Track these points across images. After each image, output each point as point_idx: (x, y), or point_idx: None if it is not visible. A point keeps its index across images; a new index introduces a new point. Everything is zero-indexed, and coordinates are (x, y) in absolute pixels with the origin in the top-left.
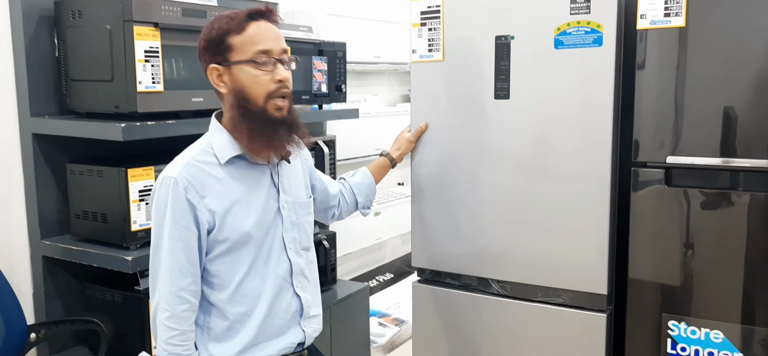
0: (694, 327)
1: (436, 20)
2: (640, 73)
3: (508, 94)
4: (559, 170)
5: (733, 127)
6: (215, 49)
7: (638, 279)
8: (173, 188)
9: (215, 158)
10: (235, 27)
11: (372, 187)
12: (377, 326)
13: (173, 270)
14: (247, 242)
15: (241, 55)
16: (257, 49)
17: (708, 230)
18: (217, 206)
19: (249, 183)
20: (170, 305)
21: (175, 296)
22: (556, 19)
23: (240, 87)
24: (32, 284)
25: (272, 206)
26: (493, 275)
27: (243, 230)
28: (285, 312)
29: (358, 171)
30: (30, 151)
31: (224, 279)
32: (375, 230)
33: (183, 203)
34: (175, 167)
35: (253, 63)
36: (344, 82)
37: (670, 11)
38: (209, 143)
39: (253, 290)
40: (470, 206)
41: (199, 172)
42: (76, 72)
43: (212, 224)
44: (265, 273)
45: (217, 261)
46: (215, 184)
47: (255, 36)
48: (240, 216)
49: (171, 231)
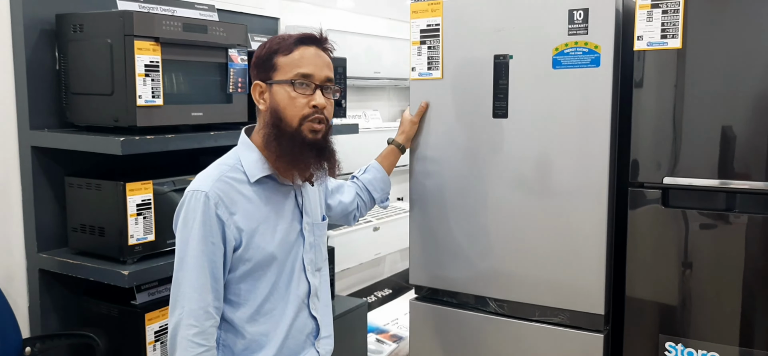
0: (691, 348)
1: (435, 38)
2: (638, 94)
3: (507, 113)
4: (557, 190)
5: (731, 148)
6: (262, 67)
7: (636, 299)
8: (204, 203)
9: (245, 176)
10: (284, 48)
11: (385, 180)
12: (375, 342)
13: (201, 286)
14: (271, 264)
15: (283, 75)
16: (299, 71)
17: (705, 251)
18: (245, 224)
19: (275, 204)
20: (198, 321)
21: (203, 311)
22: (554, 39)
23: (276, 106)
24: (28, 297)
25: (295, 228)
26: (491, 293)
27: (268, 251)
28: (301, 332)
29: (369, 167)
30: (29, 163)
31: (245, 297)
32: (374, 246)
33: (213, 219)
34: (206, 181)
35: (292, 84)
36: (344, 98)
37: (666, 33)
38: (238, 159)
39: (274, 310)
40: (468, 225)
41: (229, 189)
42: (77, 85)
43: (239, 242)
44: (286, 295)
45: (239, 280)
46: (244, 202)
47: (300, 59)
48: (266, 237)
49: (199, 246)
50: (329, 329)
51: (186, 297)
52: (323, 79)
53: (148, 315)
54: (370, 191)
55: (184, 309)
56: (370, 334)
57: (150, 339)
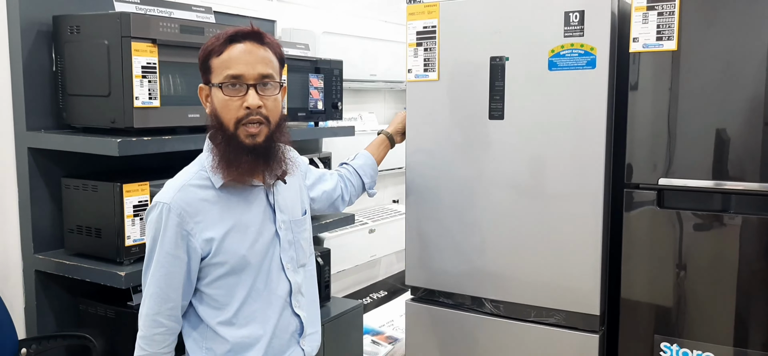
0: (686, 348)
1: (431, 40)
2: (633, 95)
3: (503, 114)
4: (553, 191)
5: (726, 149)
6: (202, 69)
7: (631, 300)
8: (166, 215)
9: (209, 181)
10: (217, 48)
11: (374, 167)
12: (371, 344)
13: (153, 294)
14: (245, 267)
15: (216, 78)
16: (228, 73)
17: (700, 252)
18: (212, 232)
19: (244, 206)
20: (145, 327)
21: (150, 319)
22: (550, 41)
23: (214, 110)
24: (24, 298)
25: (269, 229)
26: (487, 294)
27: (240, 255)
28: (285, 332)
29: (359, 153)
30: (25, 165)
31: (224, 302)
32: (369, 248)
33: (173, 231)
34: (169, 192)
35: (222, 88)
36: (340, 100)
37: (662, 35)
38: (203, 165)
39: (254, 313)
40: (464, 226)
41: (193, 198)
42: (73, 87)
43: (207, 250)
44: (266, 296)
45: (214, 285)
46: (210, 209)
47: (228, 60)
48: (236, 241)
49: (158, 257)
50: (315, 325)
51: (143, 301)
52: (257, 76)
53: None
54: (361, 175)
55: (141, 312)
56: (365, 336)
57: None
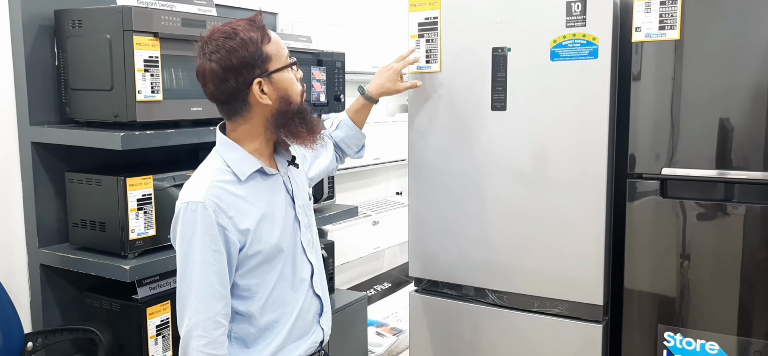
0: (689, 338)
1: (433, 32)
2: (636, 85)
3: (505, 105)
4: (556, 181)
5: (729, 139)
6: (255, 63)
7: (634, 290)
8: (202, 213)
9: (234, 176)
10: (262, 37)
11: (358, 135)
12: (375, 335)
13: (208, 296)
14: (278, 255)
15: (278, 62)
16: (286, 53)
17: (704, 241)
18: (247, 224)
19: (269, 196)
20: (207, 331)
21: (211, 321)
22: (552, 31)
23: (284, 93)
24: (30, 292)
25: (291, 214)
26: (490, 285)
27: (272, 243)
28: (308, 313)
29: (340, 123)
30: (29, 159)
31: (255, 291)
32: (373, 240)
33: (213, 228)
34: (198, 190)
35: (290, 67)
36: (343, 92)
37: (665, 24)
38: (223, 161)
39: (282, 296)
40: (466, 217)
41: (223, 192)
42: (76, 81)
43: (243, 242)
44: (293, 280)
45: (248, 276)
46: (240, 203)
47: (277, 43)
48: (267, 230)
49: (202, 256)
50: (329, 303)
51: (193, 308)
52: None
53: (149, 309)
54: (343, 148)
55: (192, 321)
56: (370, 327)
57: (152, 333)
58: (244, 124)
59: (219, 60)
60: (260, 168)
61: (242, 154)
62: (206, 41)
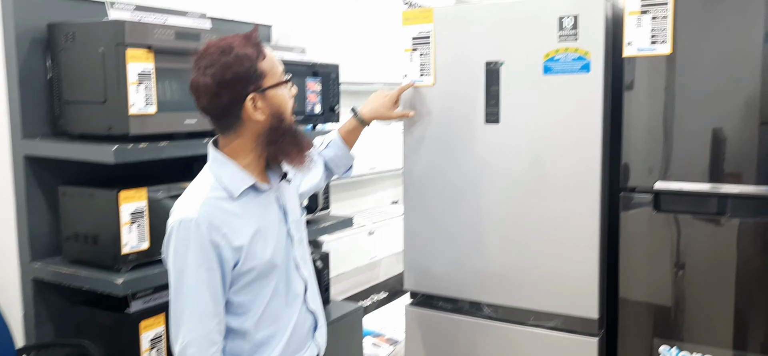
0: (685, 351)
1: (427, 46)
2: (628, 99)
3: (498, 118)
4: (549, 194)
5: (722, 153)
6: (250, 79)
7: (629, 303)
8: (195, 231)
9: (225, 192)
10: (259, 53)
11: (347, 156)
12: (371, 346)
13: (202, 314)
14: (272, 271)
15: (272, 78)
16: (281, 69)
17: (698, 255)
18: (240, 240)
19: (262, 212)
20: (201, 349)
21: (205, 339)
22: (544, 45)
23: (277, 109)
24: (22, 306)
25: (283, 229)
26: (485, 298)
27: (266, 259)
28: (302, 328)
29: (331, 143)
30: (21, 172)
31: (249, 307)
32: (369, 250)
33: (206, 245)
34: (191, 207)
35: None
36: (338, 103)
37: (656, 39)
38: (216, 177)
39: (276, 312)
40: (461, 230)
41: (216, 209)
42: (69, 94)
43: (237, 259)
44: (287, 296)
45: (242, 292)
46: (233, 219)
47: (272, 59)
48: (260, 246)
49: (196, 274)
50: (324, 317)
51: (187, 326)
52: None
53: (142, 322)
54: (331, 167)
55: (186, 339)
56: (366, 338)
57: (145, 347)
58: (237, 139)
59: (213, 75)
60: (253, 184)
61: (235, 170)
62: (201, 56)
